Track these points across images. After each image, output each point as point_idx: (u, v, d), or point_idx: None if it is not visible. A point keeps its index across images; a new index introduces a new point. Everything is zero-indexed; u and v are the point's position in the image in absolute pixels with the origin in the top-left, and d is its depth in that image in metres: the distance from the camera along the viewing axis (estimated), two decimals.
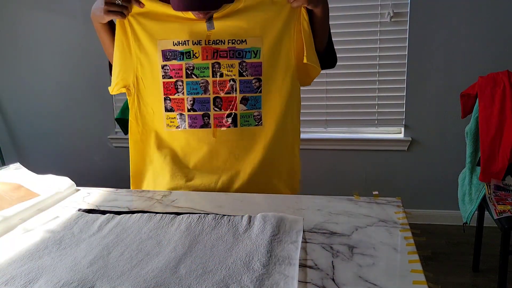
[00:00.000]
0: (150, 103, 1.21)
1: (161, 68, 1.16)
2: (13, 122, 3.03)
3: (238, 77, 1.15)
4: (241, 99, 1.15)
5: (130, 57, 1.18)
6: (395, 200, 1.01)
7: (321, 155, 2.69)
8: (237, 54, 1.14)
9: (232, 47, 1.13)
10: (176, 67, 1.16)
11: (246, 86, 1.15)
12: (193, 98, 1.16)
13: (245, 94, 1.15)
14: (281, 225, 0.86)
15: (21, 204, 0.98)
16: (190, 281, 0.69)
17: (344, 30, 2.54)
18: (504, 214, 1.73)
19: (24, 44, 2.86)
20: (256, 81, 1.15)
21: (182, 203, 1.03)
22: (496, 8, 2.40)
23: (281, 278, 0.69)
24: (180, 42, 1.14)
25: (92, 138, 2.93)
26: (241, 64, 1.14)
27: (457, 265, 2.16)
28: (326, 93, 2.63)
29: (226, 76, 1.14)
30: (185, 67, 1.14)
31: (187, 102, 1.16)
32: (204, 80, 1.15)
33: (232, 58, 1.14)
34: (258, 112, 1.17)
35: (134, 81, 1.20)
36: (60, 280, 0.69)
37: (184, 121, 1.18)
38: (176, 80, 1.16)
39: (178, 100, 1.17)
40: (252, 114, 1.17)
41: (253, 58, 1.14)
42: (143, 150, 1.25)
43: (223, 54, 1.13)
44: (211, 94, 1.15)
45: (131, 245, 0.81)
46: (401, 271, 0.71)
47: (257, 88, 1.16)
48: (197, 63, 1.14)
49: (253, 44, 1.13)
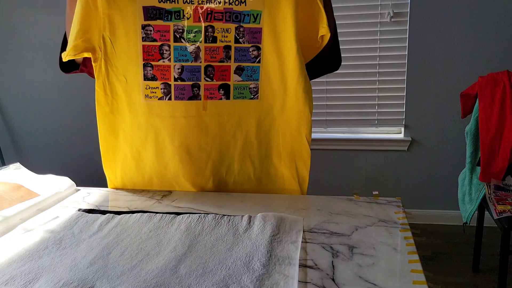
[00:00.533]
0: (121, 70, 1.03)
1: (142, 29, 0.99)
2: (13, 122, 3.03)
3: (234, 43, 1.01)
4: (235, 68, 1.03)
5: (96, 13, 0.99)
6: (395, 200, 1.01)
7: (321, 155, 2.69)
8: (234, 17, 1.00)
9: (229, 9, 0.99)
10: (161, 29, 0.99)
11: (242, 54, 1.02)
12: (181, 65, 1.01)
13: (241, 63, 1.03)
14: (281, 225, 0.86)
15: (21, 204, 0.98)
16: (190, 281, 0.69)
17: (344, 30, 2.54)
18: (504, 214, 1.73)
19: (24, 44, 2.86)
20: (254, 49, 1.02)
21: (182, 203, 1.03)
22: (496, 8, 2.40)
23: (281, 278, 0.69)
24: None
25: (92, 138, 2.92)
26: (238, 29, 1.00)
27: (457, 265, 2.16)
28: (326, 93, 2.63)
29: (220, 42, 1.01)
30: (173, 29, 0.99)
31: (173, 70, 1.01)
32: (195, 46, 1.01)
33: (228, 22, 1.00)
34: (255, 84, 1.05)
35: (100, 43, 1.01)
36: (60, 280, 0.69)
37: (169, 92, 1.03)
38: (162, 44, 1.00)
39: (162, 67, 1.02)
40: (247, 85, 1.05)
41: (252, 23, 1.00)
42: (114, 123, 1.09)
43: (218, 16, 0.99)
44: (203, 62, 1.02)
45: (131, 245, 0.81)
46: (401, 271, 0.71)
47: (255, 58, 1.03)
48: (188, 25, 0.99)
49: (253, 6, 0.99)
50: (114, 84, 1.06)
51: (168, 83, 1.03)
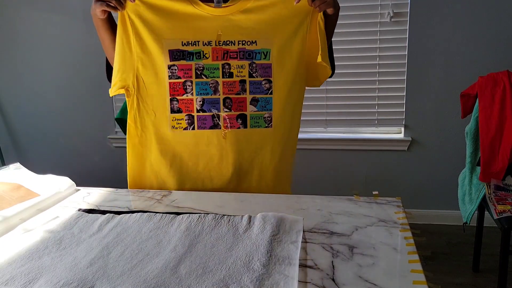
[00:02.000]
0: (151, 104, 1.16)
1: (168, 68, 1.13)
2: (13, 122, 3.03)
3: (248, 78, 1.15)
4: (251, 100, 1.16)
5: (131, 56, 1.14)
6: (395, 200, 1.01)
7: (321, 155, 2.69)
8: (247, 55, 1.14)
9: (242, 48, 1.13)
10: (185, 67, 1.13)
11: (256, 87, 1.15)
12: (202, 98, 1.14)
13: (255, 95, 1.15)
14: (281, 225, 0.86)
15: (21, 204, 0.98)
16: (190, 281, 0.69)
17: (344, 30, 2.54)
18: (504, 214, 1.73)
19: (24, 44, 2.86)
20: (266, 83, 1.15)
21: (182, 203, 1.03)
22: (496, 8, 2.40)
23: (281, 278, 0.69)
24: (190, 43, 1.13)
25: (92, 138, 2.93)
26: (251, 65, 1.14)
27: (457, 265, 2.16)
28: (326, 93, 2.63)
29: (236, 77, 1.14)
30: (195, 67, 1.13)
31: (196, 103, 1.15)
32: (214, 80, 1.14)
33: (242, 59, 1.14)
34: (269, 114, 1.17)
35: (134, 81, 1.16)
36: (60, 280, 0.69)
37: (192, 122, 1.16)
38: (185, 80, 1.14)
39: (186, 100, 1.15)
40: (262, 115, 1.17)
41: (262, 59, 1.14)
42: (142, 154, 1.20)
43: (233, 55, 1.14)
44: (221, 95, 1.15)
45: (131, 245, 0.81)
46: (401, 271, 0.71)
47: (267, 90, 1.16)
48: (207, 63, 1.14)
49: (263, 45, 1.13)
50: (144, 118, 1.18)
51: (192, 114, 1.15)
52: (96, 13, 1.11)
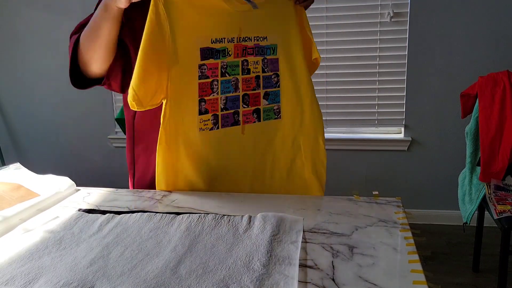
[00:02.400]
0: (181, 108, 1.08)
1: (198, 68, 1.07)
2: (13, 122, 3.03)
3: (262, 73, 1.17)
4: (263, 94, 1.19)
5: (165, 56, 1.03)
6: (395, 200, 1.01)
7: None
8: (260, 51, 1.16)
9: (257, 44, 1.15)
10: (212, 66, 1.09)
11: (267, 81, 1.19)
12: (225, 97, 1.13)
13: (267, 89, 1.19)
14: (281, 225, 0.86)
15: (21, 204, 0.98)
16: (190, 281, 0.69)
17: (344, 30, 2.54)
18: (504, 214, 1.73)
19: (24, 44, 2.86)
20: (275, 77, 1.19)
21: (182, 203, 1.03)
22: (496, 8, 2.40)
23: (281, 278, 0.69)
24: (218, 40, 1.09)
25: (92, 138, 2.93)
26: (263, 60, 1.17)
27: (457, 265, 2.16)
28: (326, 93, 2.63)
29: (253, 73, 1.16)
30: (221, 66, 1.11)
31: (220, 102, 1.12)
32: (235, 78, 1.14)
33: (257, 55, 1.16)
34: (277, 106, 1.21)
35: (167, 84, 1.05)
36: (60, 280, 0.69)
37: (217, 122, 1.13)
38: (212, 80, 1.10)
39: (213, 100, 1.11)
40: (272, 108, 1.20)
41: (271, 54, 1.17)
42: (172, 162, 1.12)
43: (250, 51, 1.15)
44: (241, 92, 1.15)
45: (131, 245, 0.81)
46: (401, 271, 0.71)
47: (276, 83, 1.19)
48: (230, 61, 1.12)
49: (271, 41, 1.16)
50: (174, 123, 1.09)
51: (217, 114, 1.13)
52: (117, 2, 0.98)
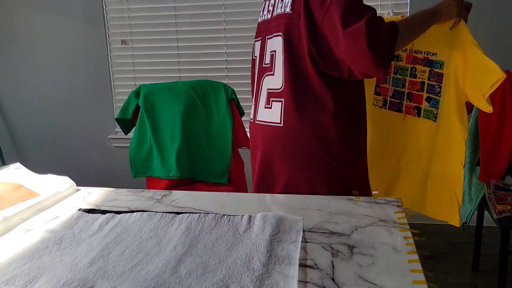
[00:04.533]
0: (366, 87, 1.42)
1: None
2: (14, 122, 3.03)
3: (427, 81, 1.44)
4: (426, 97, 1.45)
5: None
6: (395, 200, 1.01)
7: None
8: (429, 63, 1.44)
9: (426, 57, 1.44)
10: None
11: (431, 89, 1.44)
12: (394, 89, 1.54)
13: (430, 95, 1.44)
14: (281, 224, 0.86)
15: (21, 204, 0.98)
16: (190, 281, 0.69)
17: None
18: (503, 214, 1.73)
19: (24, 44, 2.86)
20: (438, 87, 1.42)
21: (182, 203, 1.03)
22: (496, 8, 2.40)
23: (281, 277, 0.69)
24: None
25: (92, 138, 2.93)
26: (430, 71, 1.44)
27: (457, 265, 2.16)
28: None
29: (418, 78, 1.47)
30: (393, 66, 1.52)
31: (390, 91, 1.54)
32: (404, 78, 1.51)
33: (425, 66, 1.45)
34: (436, 111, 1.43)
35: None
36: (60, 280, 0.69)
37: (385, 103, 1.55)
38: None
39: (385, 88, 1.56)
40: (432, 111, 1.44)
41: (438, 68, 1.42)
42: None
43: (419, 62, 1.46)
44: (406, 89, 1.50)
45: (131, 244, 0.81)
46: (401, 270, 0.71)
47: (438, 93, 1.42)
48: (401, 65, 1.51)
49: (440, 57, 1.41)
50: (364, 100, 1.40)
51: (386, 98, 1.56)
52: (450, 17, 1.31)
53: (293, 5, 1.17)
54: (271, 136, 1.25)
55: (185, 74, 2.71)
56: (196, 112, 1.95)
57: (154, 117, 1.94)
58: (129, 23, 2.71)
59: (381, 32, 1.04)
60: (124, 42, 2.73)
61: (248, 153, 2.63)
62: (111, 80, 2.81)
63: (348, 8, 1.05)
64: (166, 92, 1.96)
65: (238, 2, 2.55)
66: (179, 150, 1.89)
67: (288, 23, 1.19)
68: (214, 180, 1.95)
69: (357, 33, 1.02)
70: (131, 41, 2.73)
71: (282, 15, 1.21)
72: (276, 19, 1.25)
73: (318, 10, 1.11)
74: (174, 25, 2.66)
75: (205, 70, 2.68)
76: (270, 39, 1.28)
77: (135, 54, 2.74)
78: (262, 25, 1.35)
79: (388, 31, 1.05)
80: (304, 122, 1.19)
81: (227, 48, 2.62)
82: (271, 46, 1.27)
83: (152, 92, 1.95)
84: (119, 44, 2.74)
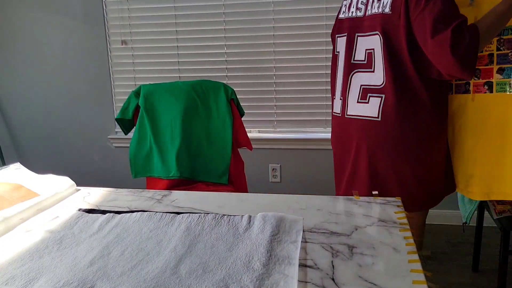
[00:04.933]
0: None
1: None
2: (14, 122, 3.03)
3: (496, 51, 1.37)
4: (497, 69, 1.36)
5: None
6: (394, 200, 1.01)
7: (321, 155, 2.69)
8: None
9: None
10: None
11: (502, 58, 1.36)
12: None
13: (501, 65, 1.36)
14: (281, 224, 0.86)
15: (21, 204, 0.98)
16: (190, 281, 0.69)
17: None
18: (503, 214, 1.73)
19: (24, 44, 2.86)
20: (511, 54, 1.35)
21: (182, 203, 1.04)
22: None
23: (281, 277, 0.69)
24: None
25: (92, 138, 2.93)
26: (498, 40, 1.36)
27: (457, 265, 2.16)
28: (326, 93, 2.64)
29: (485, 51, 1.38)
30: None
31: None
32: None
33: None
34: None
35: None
36: (60, 280, 0.70)
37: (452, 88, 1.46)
38: None
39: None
40: (508, 82, 1.35)
41: (508, 35, 1.35)
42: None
43: None
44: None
45: (131, 245, 0.81)
46: (400, 270, 0.71)
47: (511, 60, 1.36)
48: None
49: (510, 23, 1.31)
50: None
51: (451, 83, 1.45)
52: None
53: (393, 6, 1.27)
54: (368, 129, 1.37)
55: (185, 74, 2.71)
56: (196, 112, 1.95)
57: (154, 117, 1.94)
58: (129, 23, 2.71)
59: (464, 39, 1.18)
60: (124, 42, 2.73)
61: (248, 153, 2.64)
62: (111, 80, 2.81)
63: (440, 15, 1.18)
64: (166, 92, 1.96)
65: (238, 2, 2.55)
66: (179, 150, 1.89)
67: (386, 23, 1.29)
68: (214, 180, 1.95)
69: (442, 41, 1.16)
70: (131, 41, 2.73)
71: (379, 15, 1.30)
72: (370, 18, 1.34)
73: (413, 10, 1.22)
74: (174, 25, 2.66)
75: (205, 70, 2.68)
76: (362, 37, 1.38)
77: (135, 54, 2.74)
78: (348, 22, 1.44)
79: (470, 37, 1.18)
80: (403, 117, 1.32)
81: (227, 48, 2.62)
82: (366, 44, 1.37)
83: (152, 92, 1.95)
84: (119, 44, 2.74)
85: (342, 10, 1.49)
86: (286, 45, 2.53)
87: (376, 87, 1.34)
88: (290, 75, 2.56)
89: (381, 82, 1.33)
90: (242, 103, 2.40)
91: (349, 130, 1.43)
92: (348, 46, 1.42)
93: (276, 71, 2.58)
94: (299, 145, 2.66)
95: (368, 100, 1.36)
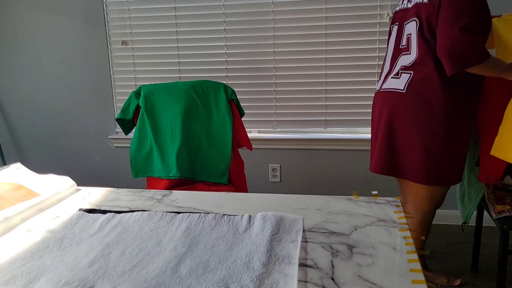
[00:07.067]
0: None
1: None
2: (14, 122, 3.03)
3: None
4: None
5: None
6: (394, 200, 1.01)
7: (321, 155, 2.70)
8: None
9: None
10: None
11: None
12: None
13: None
14: (281, 224, 0.87)
15: (22, 204, 0.99)
16: (190, 280, 0.69)
17: (343, 31, 2.55)
18: (503, 214, 1.73)
19: (25, 44, 2.86)
20: None
21: (182, 203, 1.04)
22: (495, 8, 2.40)
23: (281, 277, 0.69)
24: None
25: (92, 138, 2.93)
26: None
27: (456, 264, 2.16)
28: (326, 93, 2.64)
29: None
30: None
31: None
32: None
33: None
34: None
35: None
36: (61, 280, 0.70)
37: None
38: None
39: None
40: None
41: None
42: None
43: None
44: None
45: (131, 244, 0.82)
46: (400, 270, 0.71)
47: None
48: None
49: None
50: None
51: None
52: None
53: None
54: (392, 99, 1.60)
55: (185, 74, 2.71)
56: (196, 112, 1.95)
57: (154, 117, 1.95)
58: (130, 23, 2.71)
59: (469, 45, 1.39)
60: (125, 42, 2.73)
61: (248, 153, 2.64)
62: (112, 80, 2.81)
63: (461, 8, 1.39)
64: (166, 93, 1.96)
65: (238, 3, 2.56)
66: (179, 150, 1.89)
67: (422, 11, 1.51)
68: (214, 180, 1.95)
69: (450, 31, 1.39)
70: (131, 42, 2.73)
71: (420, 4, 1.55)
72: (414, 7, 1.58)
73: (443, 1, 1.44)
74: (174, 26, 2.66)
75: (205, 70, 2.68)
76: (407, 24, 1.61)
77: (136, 55, 2.74)
78: (399, 13, 1.69)
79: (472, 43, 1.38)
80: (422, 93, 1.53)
81: (227, 48, 2.63)
82: (407, 30, 1.60)
83: (152, 93, 1.95)
84: (119, 45, 2.75)
85: (399, 3, 1.75)
86: (286, 45, 2.54)
87: (408, 65, 1.57)
88: (290, 75, 2.57)
89: (411, 60, 1.55)
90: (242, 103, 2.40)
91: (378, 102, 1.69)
92: (398, 34, 1.67)
93: (276, 71, 2.58)
94: (299, 145, 2.66)
95: (400, 75, 1.59)
